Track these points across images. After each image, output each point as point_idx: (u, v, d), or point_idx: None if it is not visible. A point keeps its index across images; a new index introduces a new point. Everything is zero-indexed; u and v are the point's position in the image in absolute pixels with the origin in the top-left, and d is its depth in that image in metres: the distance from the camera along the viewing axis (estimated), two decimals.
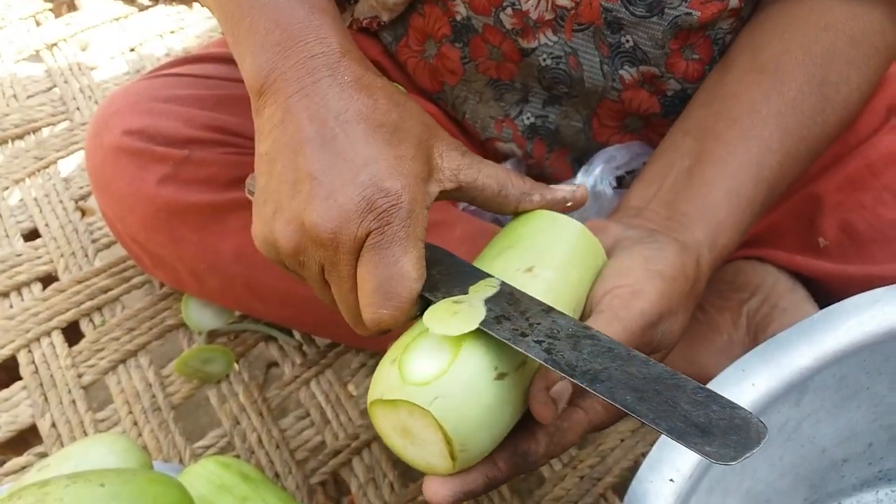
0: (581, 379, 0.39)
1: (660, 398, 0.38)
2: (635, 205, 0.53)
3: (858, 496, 0.55)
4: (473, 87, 0.72)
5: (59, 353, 0.81)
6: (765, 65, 0.55)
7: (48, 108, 1.05)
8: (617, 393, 0.38)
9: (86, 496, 0.49)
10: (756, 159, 0.53)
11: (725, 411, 0.37)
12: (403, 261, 0.44)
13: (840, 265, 0.66)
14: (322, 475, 0.73)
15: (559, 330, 0.42)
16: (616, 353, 0.40)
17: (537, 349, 0.41)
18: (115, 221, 0.80)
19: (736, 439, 0.36)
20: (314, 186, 0.45)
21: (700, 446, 0.36)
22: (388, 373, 0.42)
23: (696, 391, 0.38)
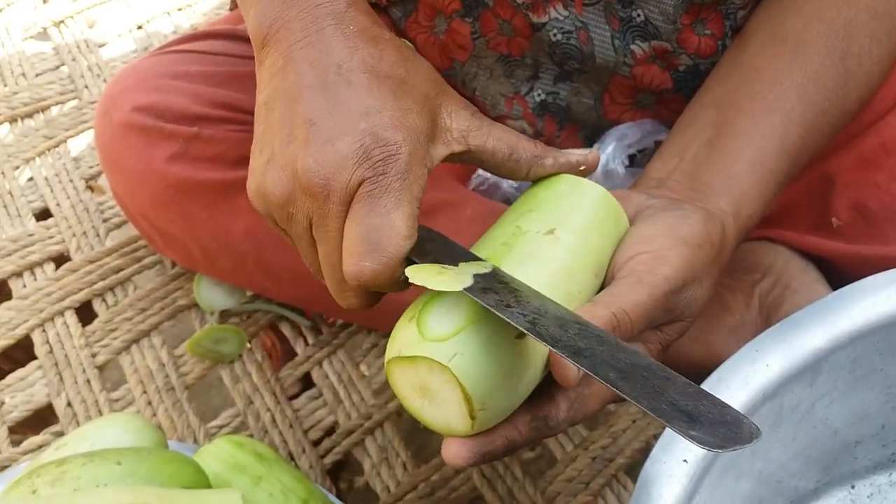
0: (564, 350, 0.37)
1: (646, 383, 0.36)
2: (657, 176, 0.53)
3: (871, 478, 0.55)
4: (484, 63, 0.71)
5: (73, 333, 0.81)
6: (786, 37, 0.55)
7: (56, 86, 1.05)
8: (600, 369, 0.36)
9: (103, 474, 0.50)
10: (779, 131, 0.52)
11: (716, 408, 0.35)
12: (394, 213, 0.42)
13: (853, 245, 0.65)
14: (335, 455, 0.73)
15: (547, 311, 0.40)
16: (605, 340, 0.38)
17: (521, 319, 0.39)
18: (125, 199, 0.80)
19: (725, 432, 0.34)
20: (311, 132, 0.43)
21: (685, 430, 0.34)
22: (406, 330, 0.41)
23: (686, 386, 0.36)
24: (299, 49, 0.45)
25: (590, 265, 0.46)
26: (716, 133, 0.53)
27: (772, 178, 0.52)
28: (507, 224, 0.47)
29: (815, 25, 0.54)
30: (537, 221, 0.46)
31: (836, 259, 0.66)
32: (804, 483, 0.54)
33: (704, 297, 0.48)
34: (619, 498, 0.69)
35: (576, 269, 0.45)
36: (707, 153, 0.52)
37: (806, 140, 0.53)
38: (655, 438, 0.71)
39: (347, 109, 0.43)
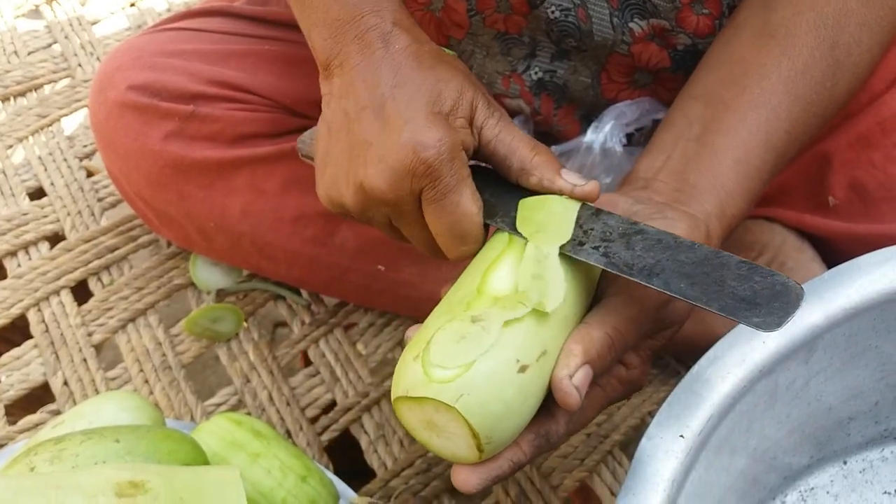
0: (639, 276, 0.44)
1: (709, 279, 0.42)
2: (644, 175, 0.53)
3: (864, 454, 0.56)
4: (480, 41, 0.71)
5: (69, 312, 0.81)
6: (775, 28, 0.54)
7: (49, 64, 1.04)
8: (672, 283, 0.43)
9: (101, 451, 0.50)
10: (765, 127, 0.53)
11: (767, 280, 0.41)
12: (461, 203, 0.49)
13: (849, 224, 0.66)
14: (333, 432, 0.73)
15: (611, 231, 0.46)
16: (665, 244, 0.44)
17: (596, 255, 0.45)
18: (120, 178, 0.79)
19: (779, 305, 0.40)
20: (370, 152, 0.49)
21: (749, 318, 0.40)
22: (411, 370, 0.43)
23: (739, 266, 0.42)
24: (357, 73, 0.51)
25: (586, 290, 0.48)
26: (703, 129, 0.53)
27: (757, 176, 0.53)
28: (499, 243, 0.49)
29: (805, 14, 0.54)
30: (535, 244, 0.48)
31: (833, 237, 0.66)
32: (797, 459, 0.54)
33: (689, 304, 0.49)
34: (614, 474, 0.69)
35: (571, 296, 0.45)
36: (695, 150, 0.53)
37: (792, 134, 0.54)
38: (650, 416, 0.72)
39: (392, 125, 0.49)
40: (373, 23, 0.51)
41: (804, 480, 0.55)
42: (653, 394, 0.73)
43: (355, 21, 0.52)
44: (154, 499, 0.44)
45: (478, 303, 0.44)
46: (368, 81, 0.51)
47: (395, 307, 0.79)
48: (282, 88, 0.75)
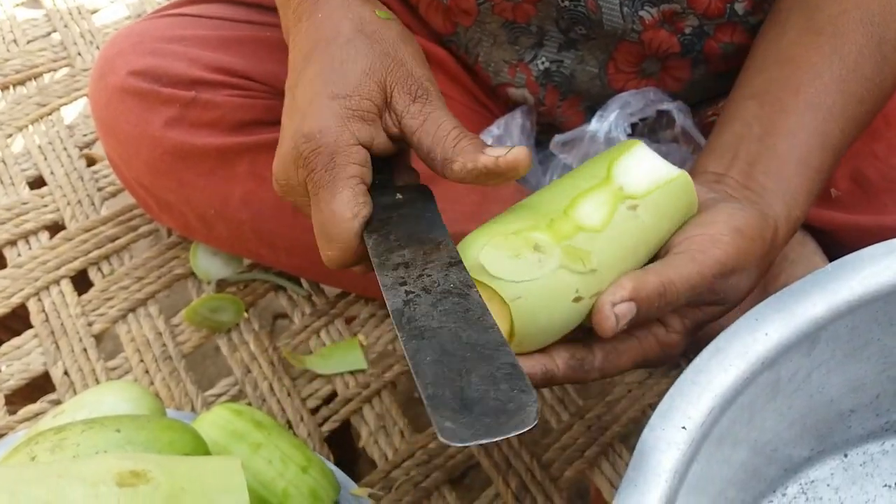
0: (402, 332, 0.40)
1: (460, 365, 0.37)
2: (715, 170, 0.54)
3: (864, 447, 0.56)
4: (488, 28, 0.70)
5: (69, 302, 0.81)
6: (822, 26, 0.55)
7: (49, 53, 1.04)
8: (421, 352, 0.38)
9: (101, 441, 0.50)
10: (822, 128, 0.53)
11: (510, 393, 0.36)
12: (333, 202, 0.45)
13: (851, 215, 0.66)
14: (333, 423, 0.73)
15: (440, 284, 0.42)
16: (468, 316, 0.40)
17: (398, 300, 0.41)
18: (120, 165, 0.79)
19: (489, 423, 0.34)
20: (279, 136, 0.48)
21: (443, 420, 0.34)
22: (491, 247, 0.44)
23: (502, 367, 0.37)
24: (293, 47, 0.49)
25: (652, 247, 0.48)
26: (764, 131, 0.54)
27: (817, 177, 0.53)
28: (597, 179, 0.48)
29: (851, 11, 0.54)
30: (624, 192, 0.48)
31: (835, 229, 0.66)
32: (798, 451, 0.54)
33: (747, 287, 0.50)
34: (614, 466, 0.70)
35: (639, 248, 0.47)
36: (758, 151, 0.53)
37: (846, 132, 0.54)
38: (651, 408, 0.72)
39: (296, 109, 0.46)
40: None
41: (805, 473, 0.55)
42: (653, 385, 0.73)
43: None
44: (155, 488, 0.44)
45: (561, 224, 0.45)
46: (294, 58, 0.49)
47: None
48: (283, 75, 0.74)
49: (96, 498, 0.42)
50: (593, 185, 0.48)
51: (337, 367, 0.76)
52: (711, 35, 0.66)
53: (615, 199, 0.47)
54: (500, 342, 0.39)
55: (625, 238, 0.47)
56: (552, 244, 0.44)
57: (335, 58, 0.46)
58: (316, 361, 0.77)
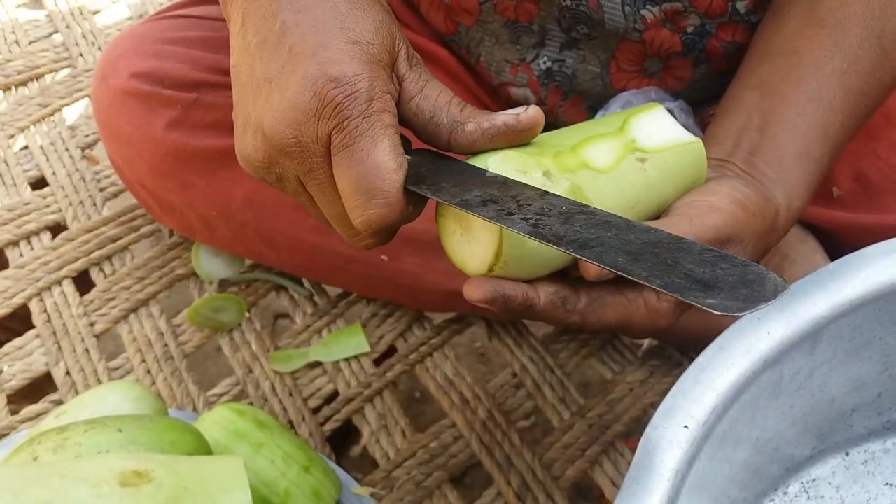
0: (568, 246, 0.36)
1: (658, 259, 0.35)
2: (718, 156, 0.53)
3: (866, 445, 0.56)
4: (490, 28, 0.70)
5: (71, 302, 0.81)
6: (824, 18, 0.55)
7: (51, 53, 1.04)
8: (607, 256, 0.35)
9: (104, 441, 0.50)
10: (822, 120, 0.53)
11: (737, 269, 0.33)
12: (375, 152, 0.40)
13: (853, 215, 0.66)
14: (335, 423, 0.73)
15: (552, 208, 0.39)
16: (613, 224, 0.37)
17: (523, 224, 0.38)
18: (122, 167, 0.79)
19: (746, 293, 0.32)
20: (270, 90, 0.42)
21: (702, 299, 0.32)
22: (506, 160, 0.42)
23: (703, 252, 0.35)
24: (251, 3, 0.43)
25: (654, 205, 0.47)
26: (764, 121, 0.53)
27: (817, 169, 0.53)
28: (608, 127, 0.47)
29: (852, 5, 0.55)
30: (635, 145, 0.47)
31: (836, 228, 0.66)
32: (800, 450, 0.54)
33: None
34: (615, 465, 0.70)
35: (640, 201, 0.46)
36: (759, 140, 0.53)
37: (846, 125, 0.54)
38: (652, 407, 0.72)
39: (297, 55, 0.41)
40: None
41: (806, 472, 0.55)
42: (655, 384, 0.74)
43: None
44: (158, 488, 0.44)
45: (567, 157, 0.44)
46: (265, 9, 0.43)
47: (396, 297, 0.79)
48: None
49: (99, 498, 0.42)
50: (607, 132, 0.47)
51: (341, 353, 0.76)
52: (714, 34, 0.66)
53: (625, 149, 0.46)
54: (674, 236, 0.36)
55: (627, 187, 0.46)
56: (559, 174, 0.43)
57: (339, 4, 0.42)
58: (319, 351, 0.77)
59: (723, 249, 0.43)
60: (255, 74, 0.43)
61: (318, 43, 0.41)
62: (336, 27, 0.41)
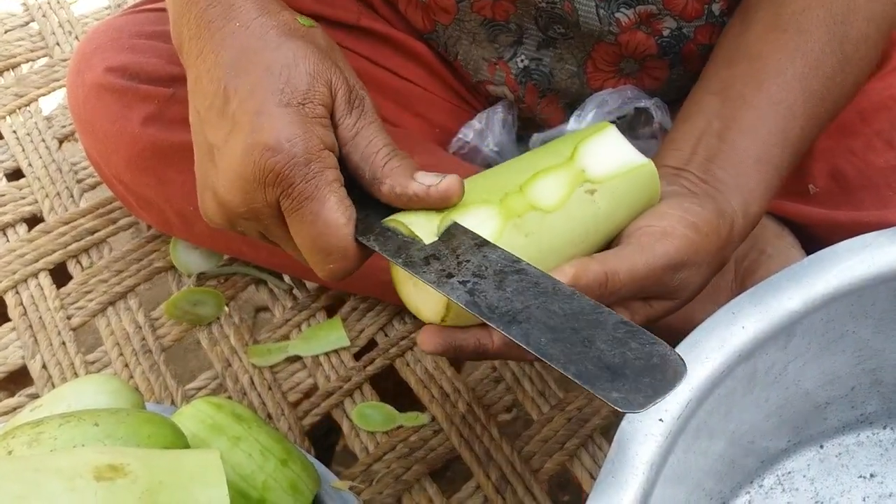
0: (498, 322, 0.39)
1: (576, 337, 0.37)
2: (673, 164, 0.53)
3: (840, 438, 0.56)
4: (467, 27, 0.70)
5: (48, 295, 0.80)
6: (787, 23, 0.55)
7: (27, 43, 1.02)
8: (532, 336, 0.38)
9: (80, 435, 0.50)
10: (782, 125, 0.53)
11: (644, 349, 0.36)
12: (323, 212, 0.42)
13: (828, 211, 0.66)
14: (314, 417, 0.73)
15: (487, 266, 0.41)
16: (541, 289, 0.40)
17: (460, 291, 0.40)
18: (99, 162, 0.78)
19: (649, 381, 0.35)
20: (219, 158, 0.43)
21: (608, 392, 0.35)
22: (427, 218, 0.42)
23: (616, 327, 0.37)
24: (201, 62, 0.44)
25: (605, 234, 0.48)
26: (724, 126, 0.53)
27: (776, 174, 0.53)
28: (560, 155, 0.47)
29: (815, 9, 0.55)
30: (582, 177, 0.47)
31: (812, 224, 0.67)
32: (775, 443, 0.55)
33: (699, 283, 0.50)
34: (594, 458, 0.70)
35: (590, 234, 0.46)
36: (717, 146, 0.53)
37: (806, 131, 0.54)
38: None
39: (237, 123, 0.42)
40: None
41: (781, 464, 0.56)
42: None
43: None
44: (133, 482, 0.43)
45: (514, 200, 0.44)
46: (211, 72, 0.44)
47: (376, 293, 0.79)
48: None
49: (73, 492, 0.42)
50: (555, 163, 0.47)
51: (320, 348, 0.76)
52: (691, 38, 0.66)
53: (574, 181, 0.46)
54: (592, 305, 0.39)
55: (577, 222, 0.46)
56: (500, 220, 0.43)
57: (273, 65, 0.43)
58: (298, 345, 0.77)
59: (676, 274, 0.46)
60: (207, 140, 0.45)
61: (254, 110, 0.42)
62: (270, 90, 0.42)
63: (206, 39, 0.44)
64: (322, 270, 0.44)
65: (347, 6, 0.73)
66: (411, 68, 0.76)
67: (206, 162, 0.45)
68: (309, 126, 0.42)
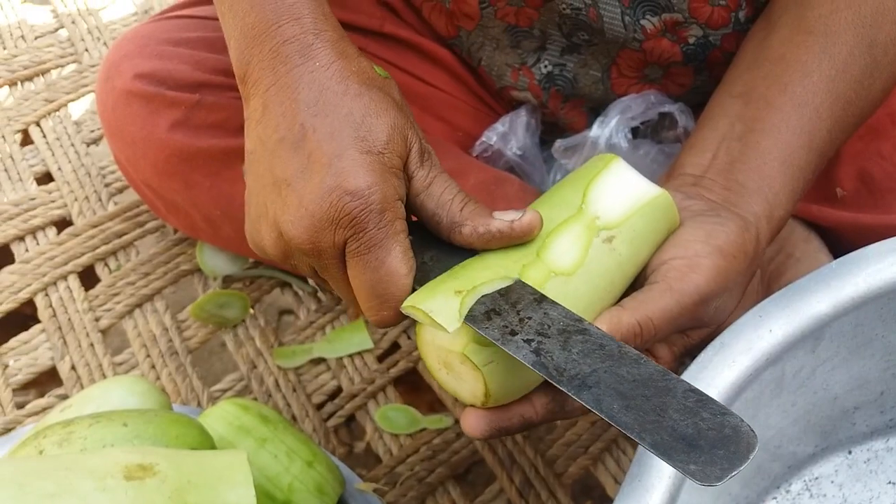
0: (568, 386, 0.38)
1: (648, 405, 0.37)
2: (692, 172, 0.52)
3: (869, 444, 0.56)
4: (490, 33, 0.70)
5: (76, 297, 0.81)
6: (813, 25, 0.54)
7: (56, 49, 1.04)
8: (604, 402, 0.37)
9: (109, 435, 0.50)
10: (808, 127, 0.52)
11: (716, 419, 0.36)
12: (388, 261, 0.43)
13: (856, 214, 0.66)
14: (338, 419, 0.74)
15: (550, 325, 0.41)
16: (607, 352, 0.39)
17: (526, 350, 0.40)
18: (127, 167, 0.79)
19: (723, 454, 0.35)
20: (288, 193, 0.44)
21: (685, 464, 0.35)
22: (446, 301, 0.41)
23: (686, 395, 0.37)
24: (273, 95, 0.45)
25: (630, 276, 0.47)
26: (747, 128, 0.52)
27: (801, 176, 0.52)
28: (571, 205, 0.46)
29: (842, 12, 0.53)
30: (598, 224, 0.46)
31: (840, 228, 0.66)
32: (802, 448, 0.54)
33: (733, 305, 0.49)
34: (618, 462, 0.70)
35: (615, 282, 0.45)
36: (740, 150, 0.52)
37: (833, 134, 0.53)
38: None
39: (314, 162, 0.43)
40: (291, 33, 0.45)
41: (808, 469, 0.56)
42: None
43: (271, 31, 0.45)
44: (162, 481, 0.44)
45: (534, 270, 0.43)
46: (285, 105, 0.44)
47: None
48: None
49: (104, 491, 0.43)
50: (567, 216, 0.46)
51: (344, 350, 0.77)
52: (717, 45, 0.66)
53: (590, 233, 0.45)
54: (661, 371, 0.38)
55: (601, 276, 0.45)
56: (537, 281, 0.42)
57: (354, 112, 0.44)
58: (323, 347, 0.77)
59: (709, 305, 0.45)
60: (274, 172, 0.45)
61: (334, 152, 0.43)
62: (351, 136, 0.43)
63: (281, 74, 0.45)
64: (374, 315, 0.45)
65: (371, 12, 0.74)
66: (435, 73, 0.76)
67: (269, 193, 0.45)
68: (387, 176, 0.43)
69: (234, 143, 0.73)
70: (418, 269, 0.44)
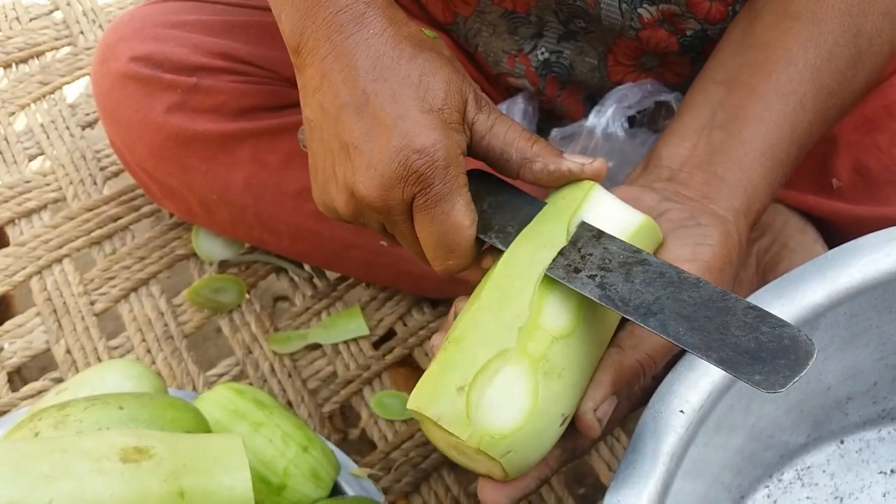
0: (634, 314, 0.40)
1: (711, 325, 0.39)
2: (668, 165, 0.52)
3: (861, 434, 0.56)
4: (487, 18, 0.70)
5: (71, 281, 0.81)
6: (800, 11, 0.53)
7: (51, 31, 1.03)
8: (670, 326, 0.40)
9: (105, 418, 0.51)
10: (791, 118, 0.52)
11: (774, 332, 0.38)
12: (453, 214, 0.46)
13: (852, 206, 0.66)
14: (333, 404, 0.74)
15: (610, 259, 0.43)
16: (667, 279, 0.42)
17: (591, 286, 0.42)
18: (123, 150, 0.79)
19: (784, 363, 0.37)
20: (356, 156, 0.46)
21: (750, 375, 0.37)
22: (452, 402, 0.40)
23: (746, 312, 0.40)
24: (331, 63, 0.47)
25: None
26: (729, 117, 0.52)
27: (781, 169, 0.52)
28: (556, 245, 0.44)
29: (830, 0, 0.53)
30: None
31: (835, 219, 0.66)
32: (795, 438, 0.55)
33: None
34: (612, 450, 0.70)
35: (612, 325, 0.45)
36: (721, 139, 0.51)
37: (814, 126, 0.53)
38: None
39: (380, 124, 0.46)
40: (343, 3, 0.47)
41: (801, 459, 0.56)
42: None
43: (323, 2, 0.47)
44: (158, 464, 0.44)
45: (533, 341, 0.41)
46: (345, 73, 0.46)
47: (396, 283, 0.80)
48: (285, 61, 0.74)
49: (100, 473, 0.43)
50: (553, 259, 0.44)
51: (340, 336, 0.77)
52: (714, 38, 0.65)
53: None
54: (720, 292, 0.41)
55: (599, 323, 0.44)
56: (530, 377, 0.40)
57: (411, 74, 0.46)
58: (318, 333, 0.77)
59: None
60: (341, 137, 0.47)
61: (397, 114, 0.45)
62: (411, 97, 0.46)
63: (337, 42, 0.47)
64: (441, 265, 0.47)
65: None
66: None
67: (337, 157, 0.48)
68: (449, 132, 0.46)
69: (231, 127, 0.72)
70: (479, 219, 0.47)
